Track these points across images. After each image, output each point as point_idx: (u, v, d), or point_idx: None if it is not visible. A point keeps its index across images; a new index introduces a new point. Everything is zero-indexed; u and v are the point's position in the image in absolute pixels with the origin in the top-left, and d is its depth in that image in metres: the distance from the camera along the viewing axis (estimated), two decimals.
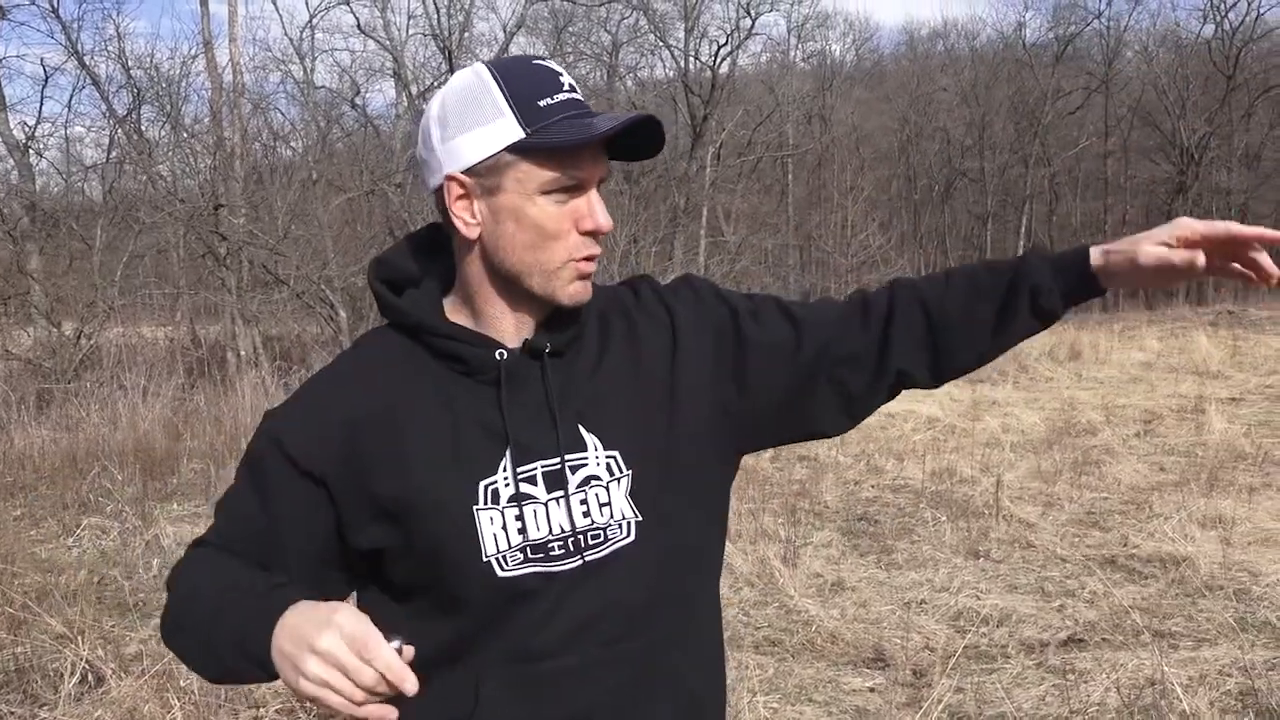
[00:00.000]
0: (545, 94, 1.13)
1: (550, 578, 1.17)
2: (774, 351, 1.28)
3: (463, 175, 1.15)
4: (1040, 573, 5.31)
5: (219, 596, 1.17)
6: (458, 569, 1.16)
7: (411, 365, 1.20)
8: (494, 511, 1.16)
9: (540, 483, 1.18)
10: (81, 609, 4.42)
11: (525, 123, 1.12)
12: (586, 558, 1.18)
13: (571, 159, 1.13)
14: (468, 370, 1.19)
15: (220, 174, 15.07)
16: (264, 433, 1.24)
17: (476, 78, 1.15)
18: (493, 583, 1.16)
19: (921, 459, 7.92)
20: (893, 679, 4.02)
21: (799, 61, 38.31)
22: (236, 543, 1.24)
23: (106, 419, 8.89)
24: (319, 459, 1.18)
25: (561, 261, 1.16)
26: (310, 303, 13.89)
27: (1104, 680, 3.83)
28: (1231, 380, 12.73)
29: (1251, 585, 4.94)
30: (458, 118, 1.15)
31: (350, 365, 1.25)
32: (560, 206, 1.15)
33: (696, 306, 1.30)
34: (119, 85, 17.30)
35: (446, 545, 1.16)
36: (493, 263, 1.18)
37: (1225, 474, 7.26)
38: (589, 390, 1.22)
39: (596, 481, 1.20)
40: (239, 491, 1.25)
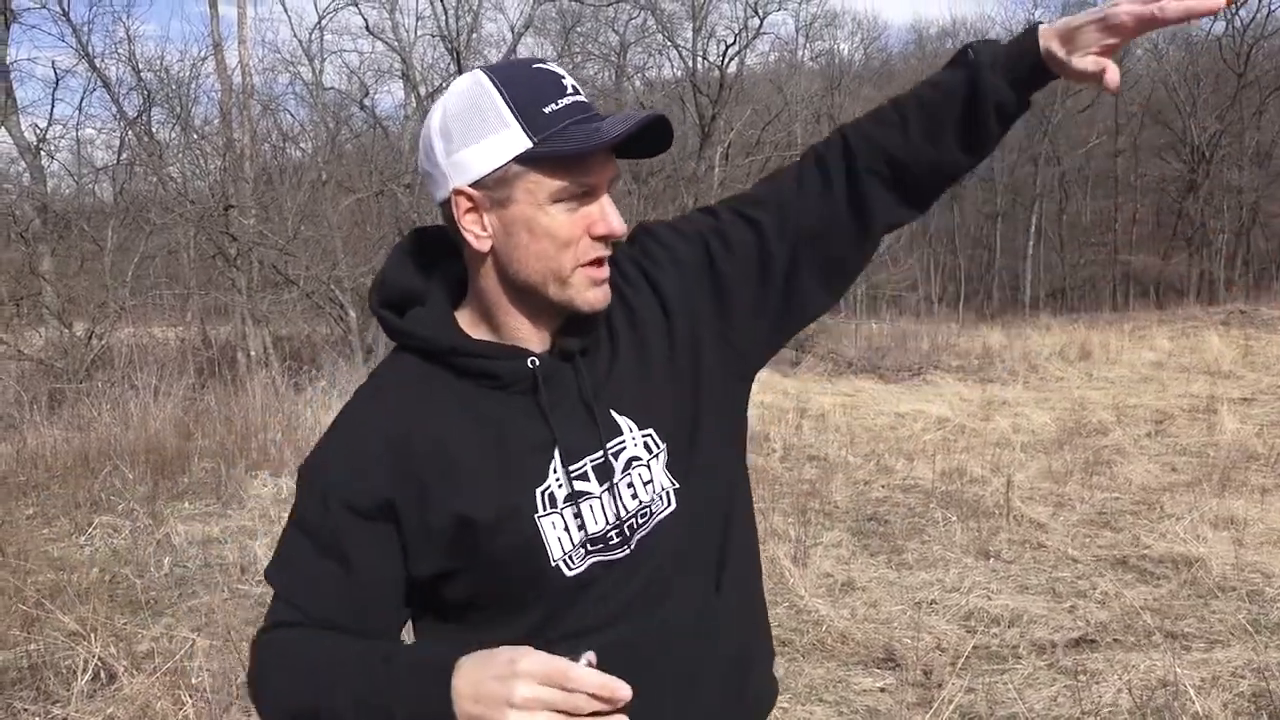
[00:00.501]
0: (549, 100, 1.11)
1: (610, 565, 1.19)
2: (749, 272, 1.27)
3: (470, 189, 1.13)
4: (1051, 573, 5.29)
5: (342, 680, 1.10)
6: (528, 578, 1.17)
7: (433, 387, 1.19)
8: (555, 515, 1.17)
9: (592, 478, 1.19)
10: (94, 607, 4.43)
11: (532, 132, 1.10)
12: (635, 540, 1.20)
13: (581, 165, 1.12)
14: (500, 384, 1.18)
15: (230, 175, 15.12)
16: (310, 487, 1.19)
17: (478, 86, 1.12)
18: (561, 584, 1.18)
19: (932, 459, 7.91)
20: (903, 679, 4.01)
21: (807, 61, 38.27)
22: (319, 612, 1.18)
23: (118, 419, 8.92)
24: (376, 493, 1.15)
25: (573, 268, 1.15)
26: (320, 303, 13.93)
27: (1116, 681, 3.81)
28: (1243, 380, 12.67)
29: (1265, 587, 4.91)
30: (461, 130, 1.12)
31: (375, 397, 1.22)
32: (572, 213, 1.14)
33: (669, 259, 1.28)
34: (129, 87, 17.38)
35: (514, 559, 1.16)
36: (507, 274, 1.17)
37: (1237, 474, 7.23)
38: (612, 377, 1.22)
39: (638, 462, 1.21)
40: (302, 557, 1.19)
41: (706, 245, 1.28)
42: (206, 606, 4.71)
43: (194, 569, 5.60)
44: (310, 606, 1.18)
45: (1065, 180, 38.78)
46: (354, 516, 1.15)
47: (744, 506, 1.35)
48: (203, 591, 5.11)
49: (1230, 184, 34.91)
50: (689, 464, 1.24)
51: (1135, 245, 37.71)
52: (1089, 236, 39.63)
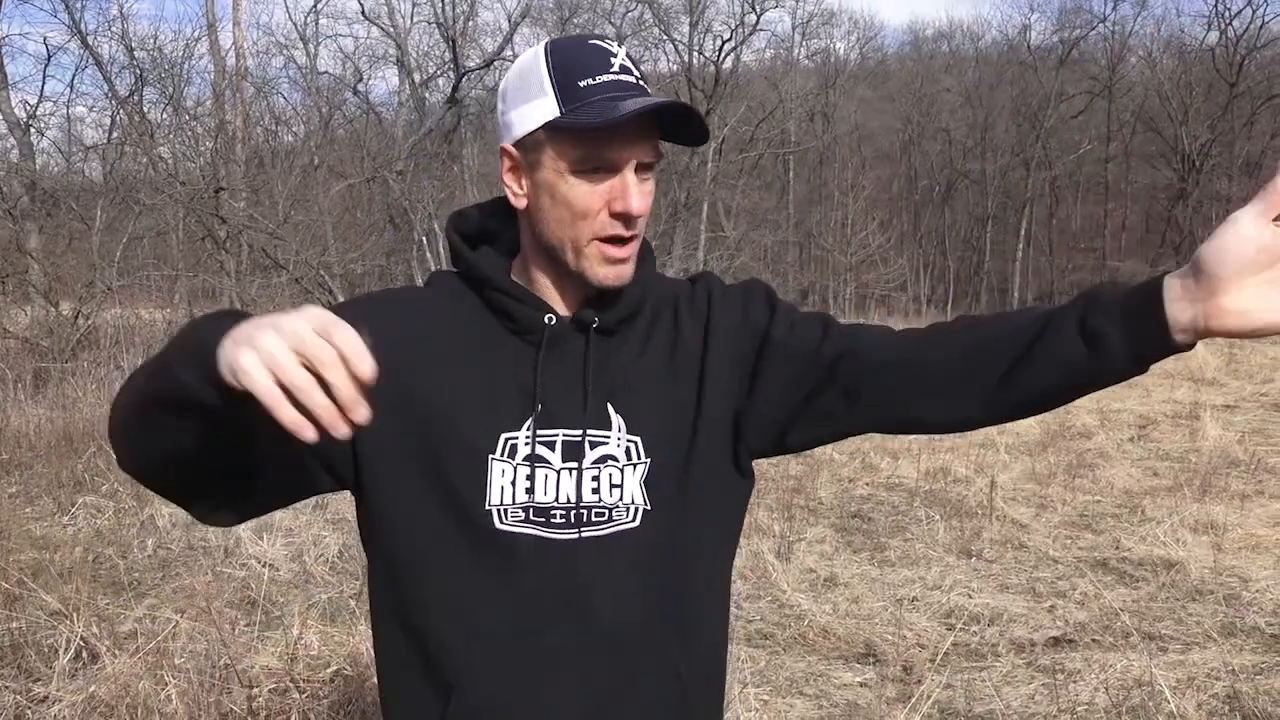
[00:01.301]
0: (590, 74, 1.14)
1: (545, 543, 1.18)
2: (792, 351, 1.24)
3: (512, 148, 1.19)
4: (1032, 573, 5.33)
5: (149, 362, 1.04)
6: (460, 509, 1.17)
7: (469, 312, 1.23)
8: (506, 465, 1.18)
9: (558, 449, 1.20)
10: (76, 586, 4.43)
11: (563, 101, 1.13)
12: (584, 533, 1.20)
13: (601, 140, 1.13)
14: (516, 328, 1.22)
15: (221, 157, 15.07)
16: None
17: (534, 54, 1.18)
18: (488, 532, 1.18)
19: (916, 458, 7.95)
20: (883, 674, 4.04)
21: (803, 59, 38.33)
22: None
23: (103, 399, 8.89)
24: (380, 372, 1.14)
25: (588, 240, 1.17)
26: (309, 288, 13.88)
27: (1093, 680, 3.85)
28: (1227, 388, 12.78)
29: (1241, 590, 4.97)
30: (513, 92, 1.19)
31: (416, 294, 1.29)
32: (593, 186, 1.15)
33: (742, 308, 1.28)
34: (121, 66, 17.31)
35: (455, 483, 1.17)
36: (536, 234, 1.21)
37: (1218, 480, 7.29)
38: (626, 373, 1.23)
39: (613, 462, 1.21)
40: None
41: (776, 315, 1.27)
42: (190, 588, 4.70)
43: (177, 551, 5.60)
44: None
45: (1056, 185, 38.95)
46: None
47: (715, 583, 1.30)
48: (186, 573, 5.11)
49: (1219, 193, 35.12)
50: (668, 498, 1.22)
51: (1124, 251, 37.93)
52: (1078, 241, 39.84)
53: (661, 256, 20.11)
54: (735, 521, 1.34)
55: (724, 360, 1.25)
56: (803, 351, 1.24)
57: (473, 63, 22.28)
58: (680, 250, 22.50)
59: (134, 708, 3.22)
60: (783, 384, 1.25)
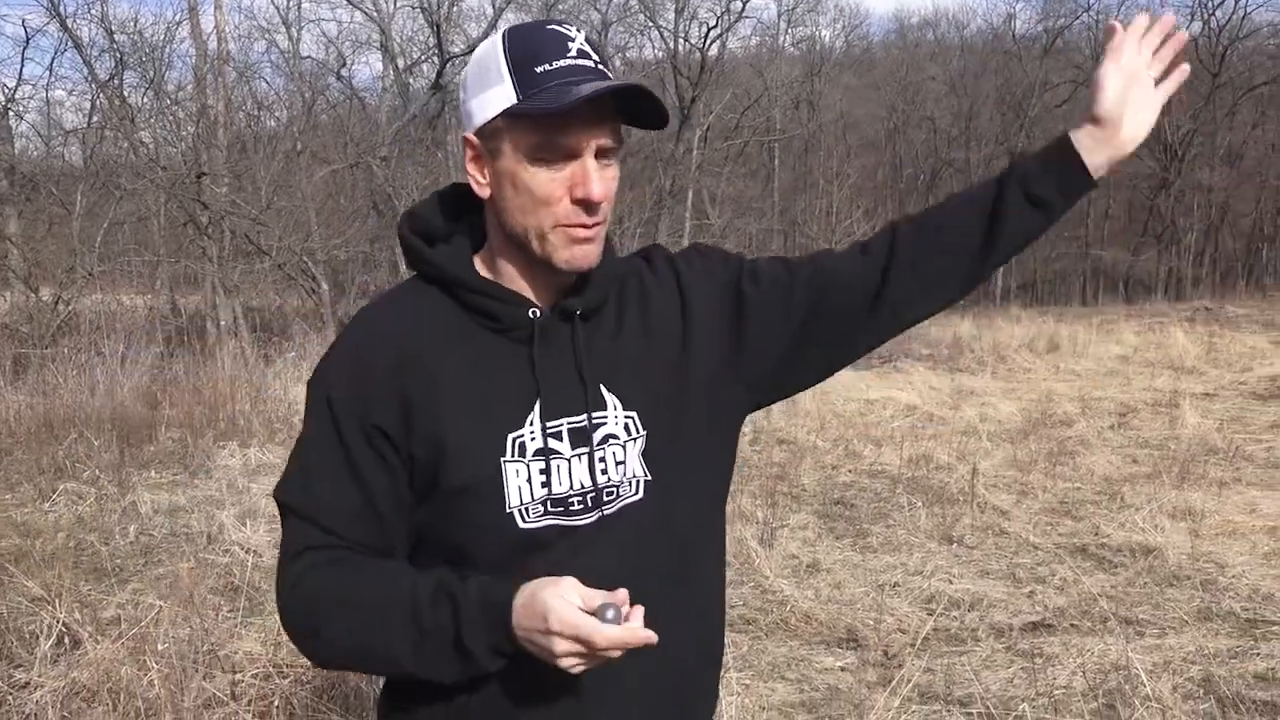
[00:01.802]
0: (546, 59, 1.13)
1: (567, 531, 1.21)
2: (770, 302, 1.31)
3: (474, 137, 1.19)
4: (1012, 559, 5.38)
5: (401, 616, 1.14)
6: (481, 518, 1.19)
7: (445, 317, 1.22)
8: (520, 464, 1.19)
9: (566, 439, 1.21)
10: (58, 572, 4.41)
11: (520, 88, 1.13)
12: (599, 514, 1.23)
13: (558, 126, 1.12)
14: (501, 327, 1.22)
15: (203, 142, 14.95)
16: (322, 403, 1.20)
17: (493, 42, 1.17)
18: (513, 534, 1.19)
19: (899, 445, 8.00)
20: (864, 658, 4.08)
21: (788, 46, 38.25)
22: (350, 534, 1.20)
23: (84, 385, 8.84)
24: (378, 415, 1.18)
25: (551, 226, 1.17)
26: (292, 274, 13.83)
27: (1070, 664, 3.90)
28: (1206, 376, 12.88)
29: (1218, 576, 5.03)
30: (473, 80, 1.18)
31: (388, 315, 1.25)
32: (553, 172, 1.15)
33: (703, 270, 1.33)
34: (101, 49, 17.10)
35: (471, 493, 1.18)
36: (501, 224, 1.21)
37: (1196, 467, 7.36)
38: (610, 353, 1.25)
39: (614, 440, 1.23)
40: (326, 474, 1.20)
41: (740, 270, 1.33)
42: (172, 575, 4.69)
43: (160, 538, 5.58)
44: (341, 528, 1.20)
45: None
46: (364, 437, 1.18)
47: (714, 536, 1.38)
48: (168, 560, 5.10)
49: (1201, 183, 35.34)
50: (665, 464, 1.26)
51: (1106, 240, 38.12)
52: (1061, 230, 39.91)
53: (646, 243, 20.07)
54: (726, 477, 1.40)
55: (704, 321, 1.30)
56: (779, 288, 1.31)
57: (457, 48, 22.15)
58: (665, 238, 22.48)
59: (116, 693, 3.22)
60: (775, 327, 1.31)
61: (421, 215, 1.27)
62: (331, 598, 1.17)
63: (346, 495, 1.19)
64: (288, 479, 1.24)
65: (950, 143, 39.16)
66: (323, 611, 1.18)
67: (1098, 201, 38.86)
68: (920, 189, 39.41)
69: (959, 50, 41.32)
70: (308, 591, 1.19)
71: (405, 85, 23.41)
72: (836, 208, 28.60)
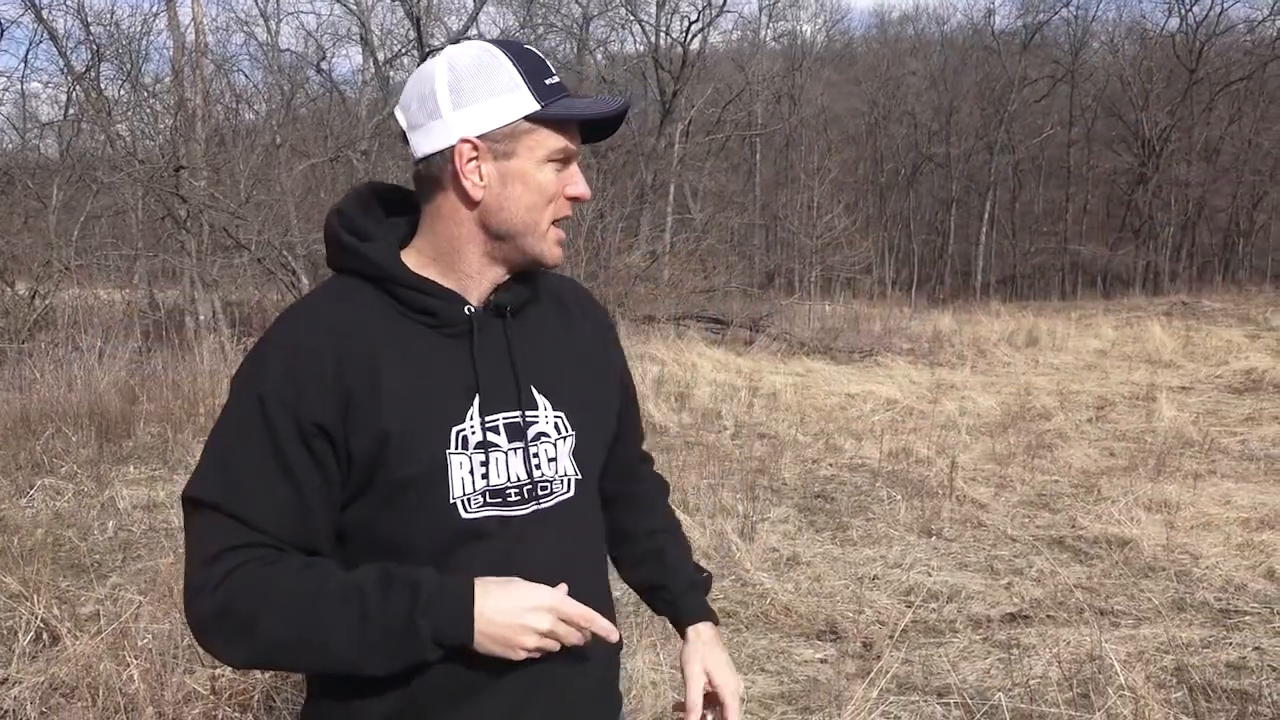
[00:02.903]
0: (546, 74, 1.26)
1: (505, 522, 1.26)
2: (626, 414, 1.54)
3: (476, 139, 1.24)
4: (990, 551, 5.43)
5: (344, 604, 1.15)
6: (424, 509, 1.22)
7: (379, 313, 1.25)
8: (463, 456, 1.24)
9: (503, 432, 1.27)
10: (36, 568, 4.38)
11: (539, 97, 1.24)
12: (535, 507, 1.29)
13: (570, 132, 1.27)
14: (437, 323, 1.26)
15: (181, 135, 14.82)
16: (254, 402, 1.19)
17: (488, 54, 1.25)
18: (455, 525, 1.23)
19: (879, 439, 8.04)
20: (843, 650, 4.11)
21: (770, 41, 38.30)
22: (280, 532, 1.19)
23: (61, 380, 8.76)
24: (317, 412, 1.18)
25: (549, 223, 1.29)
26: (271, 268, 13.74)
27: (1046, 655, 3.94)
28: (1183, 370, 13.02)
29: (1192, 567, 5.09)
30: (473, 87, 1.23)
31: (323, 308, 1.26)
32: (558, 174, 1.28)
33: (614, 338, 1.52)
34: (78, 41, 16.93)
35: (417, 484, 1.21)
36: (490, 223, 1.27)
37: (1172, 460, 7.45)
38: (539, 353, 1.33)
39: (546, 438, 1.31)
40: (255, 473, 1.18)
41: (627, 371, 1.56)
42: (152, 570, 4.67)
43: (139, 533, 5.55)
44: (271, 527, 1.18)
45: (1019, 169, 39.30)
46: (299, 435, 1.18)
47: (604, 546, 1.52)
48: (148, 555, 5.07)
49: (1178, 178, 35.64)
50: (590, 465, 1.37)
51: (1085, 235, 38.40)
52: (1040, 225, 40.27)
53: (628, 238, 20.08)
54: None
55: (612, 362, 1.48)
56: (621, 423, 1.51)
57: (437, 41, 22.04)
58: (647, 232, 22.49)
59: (95, 688, 3.21)
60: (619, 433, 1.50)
61: (350, 214, 1.30)
62: (266, 591, 1.15)
63: (277, 493, 1.18)
64: (205, 477, 1.20)
65: (931, 137, 39.33)
66: (256, 604, 1.15)
67: (1076, 197, 39.15)
68: (901, 183, 39.57)
69: (939, 45, 41.49)
70: (238, 587, 1.15)
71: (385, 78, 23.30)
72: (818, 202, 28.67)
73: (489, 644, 1.17)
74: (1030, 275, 38.27)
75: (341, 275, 1.29)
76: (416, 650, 1.15)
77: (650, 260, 19.58)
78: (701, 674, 1.49)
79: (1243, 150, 35.02)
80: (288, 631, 1.14)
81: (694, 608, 1.55)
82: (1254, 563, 5.12)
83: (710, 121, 29.15)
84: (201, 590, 1.17)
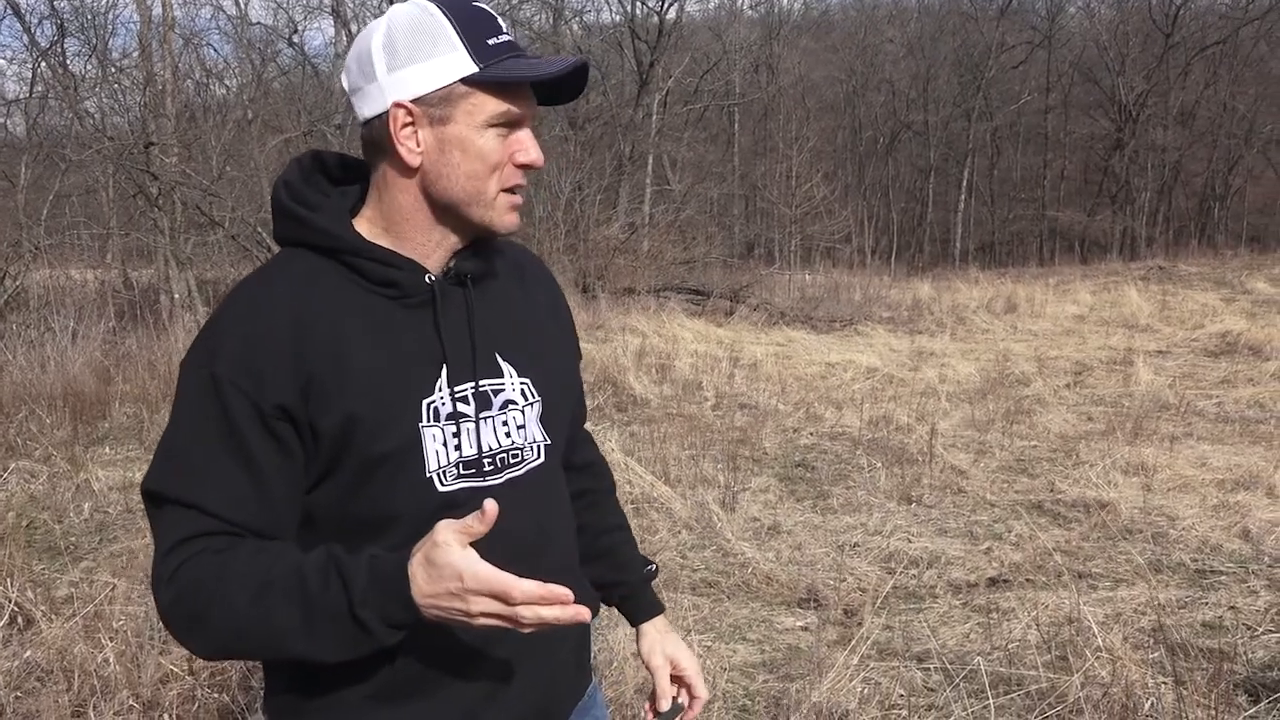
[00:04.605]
0: (491, 34, 1.19)
1: (480, 492, 1.22)
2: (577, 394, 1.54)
3: (411, 104, 1.18)
4: (969, 517, 5.46)
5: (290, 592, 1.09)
6: (401, 486, 1.19)
7: (335, 285, 1.20)
8: (435, 429, 1.21)
9: (471, 403, 1.24)
10: (10, 552, 4.33)
11: (477, 58, 1.17)
12: (508, 475, 1.27)
13: (515, 95, 1.20)
14: (398, 294, 1.21)
15: (151, 111, 14.58)
16: (209, 385, 1.14)
17: (425, 12, 1.18)
18: (433, 498, 1.20)
19: (860, 407, 8.06)
20: (824, 618, 4.12)
21: (746, 9, 38.04)
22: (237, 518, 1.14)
23: (34, 362, 8.66)
24: (277, 394, 1.14)
25: (496, 191, 1.22)
26: (246, 245, 13.58)
27: (1025, 618, 3.97)
28: (1159, 334, 13.10)
29: (1169, 529, 5.14)
30: (408, 48, 1.17)
31: (276, 287, 1.20)
32: (502, 140, 1.21)
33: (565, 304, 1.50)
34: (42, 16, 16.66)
35: (393, 463, 1.18)
36: (431, 191, 1.21)
37: (1149, 423, 7.50)
38: (503, 320, 1.31)
39: (513, 406, 1.29)
40: (210, 460, 1.13)
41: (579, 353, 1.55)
42: (128, 551, 4.64)
43: (115, 514, 5.50)
44: (227, 513, 1.13)
45: (997, 136, 39.33)
46: (258, 417, 1.13)
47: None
48: (124, 537, 5.03)
49: (1154, 143, 35.77)
50: (557, 429, 1.36)
51: (1062, 202, 38.54)
52: (1018, 192, 40.37)
53: (606, 210, 19.99)
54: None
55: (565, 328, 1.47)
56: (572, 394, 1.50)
57: None
58: (626, 203, 22.38)
59: (70, 671, 3.18)
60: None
61: (296, 186, 1.24)
62: (217, 580, 1.10)
63: (234, 478, 1.13)
64: (159, 467, 1.16)
65: (909, 105, 39.27)
66: (208, 594, 1.10)
67: (1053, 163, 39.25)
68: (879, 151, 39.53)
69: (916, 13, 41.32)
70: (191, 576, 1.11)
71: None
72: (796, 171, 28.64)
73: (442, 618, 1.07)
74: (1009, 242, 38.42)
75: (293, 249, 1.23)
76: (370, 641, 1.08)
77: (629, 232, 19.51)
78: (666, 663, 1.55)
79: (1218, 114, 35.17)
80: (239, 624, 1.10)
81: (648, 604, 1.60)
82: (1229, 523, 5.17)
83: (688, 91, 28.98)
84: (158, 582, 1.14)
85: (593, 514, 1.58)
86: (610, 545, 1.59)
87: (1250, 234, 34.94)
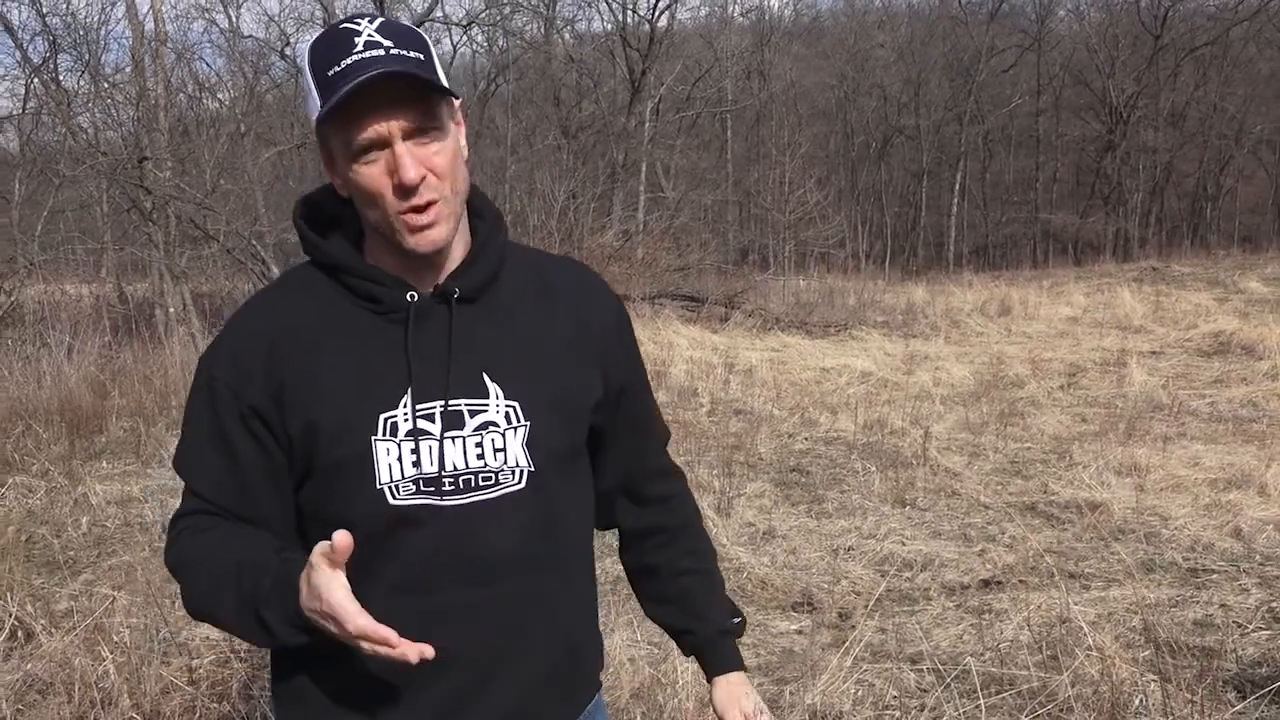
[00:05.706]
0: (335, 61, 1.14)
1: (438, 511, 1.23)
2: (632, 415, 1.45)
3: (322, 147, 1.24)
4: (963, 519, 5.49)
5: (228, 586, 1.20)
6: (354, 493, 1.22)
7: (329, 301, 1.26)
8: (390, 444, 1.22)
9: (437, 421, 1.23)
10: (9, 566, 4.35)
11: (321, 95, 1.15)
12: (475, 497, 1.25)
13: (354, 120, 1.14)
14: (382, 310, 1.25)
15: (144, 126, 14.61)
16: (203, 383, 1.27)
17: (304, 52, 1.20)
18: (382, 509, 1.22)
19: (854, 412, 8.10)
20: (819, 621, 4.16)
21: (737, 16, 38.13)
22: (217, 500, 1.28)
23: (30, 377, 8.67)
24: (253, 396, 1.23)
25: (392, 217, 1.19)
26: (241, 259, 13.60)
27: (1017, 619, 4.00)
28: (1153, 334, 13.16)
29: (1161, 529, 5.18)
30: (303, 98, 1.24)
31: (275, 297, 1.31)
32: (373, 166, 1.16)
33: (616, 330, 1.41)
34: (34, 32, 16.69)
35: (346, 468, 1.22)
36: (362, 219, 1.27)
37: (1142, 424, 7.55)
38: (500, 339, 1.28)
39: (494, 428, 1.26)
40: (198, 447, 1.28)
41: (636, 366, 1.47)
42: (126, 565, 4.65)
43: (113, 528, 5.52)
44: (209, 494, 1.28)
45: (989, 139, 39.43)
46: (239, 414, 1.24)
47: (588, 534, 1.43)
48: (123, 550, 5.05)
49: (1146, 144, 35.87)
50: (550, 458, 1.29)
51: (1055, 204, 38.62)
52: (1011, 195, 40.44)
53: (600, 218, 20.03)
54: (591, 494, 1.43)
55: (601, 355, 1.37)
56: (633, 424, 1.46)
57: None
58: (620, 211, 22.43)
59: (71, 684, 3.20)
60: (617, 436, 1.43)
61: (315, 203, 1.32)
62: (192, 557, 1.26)
63: (216, 465, 1.26)
64: (176, 451, 1.33)
65: (900, 110, 39.34)
66: (186, 569, 1.27)
67: (1045, 166, 39.35)
68: (872, 156, 39.60)
69: (906, 17, 41.44)
70: (177, 550, 1.29)
71: None
72: (789, 177, 28.68)
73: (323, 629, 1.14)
74: (1002, 245, 38.48)
75: (308, 263, 1.31)
76: (278, 639, 1.18)
77: (624, 239, 19.54)
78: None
79: (1208, 115, 35.28)
80: (201, 604, 1.25)
81: (724, 659, 1.51)
82: (1221, 522, 5.21)
83: (680, 99, 29.05)
84: (167, 546, 1.31)
85: (663, 555, 1.51)
86: (682, 590, 1.52)
87: (1242, 234, 35.03)
